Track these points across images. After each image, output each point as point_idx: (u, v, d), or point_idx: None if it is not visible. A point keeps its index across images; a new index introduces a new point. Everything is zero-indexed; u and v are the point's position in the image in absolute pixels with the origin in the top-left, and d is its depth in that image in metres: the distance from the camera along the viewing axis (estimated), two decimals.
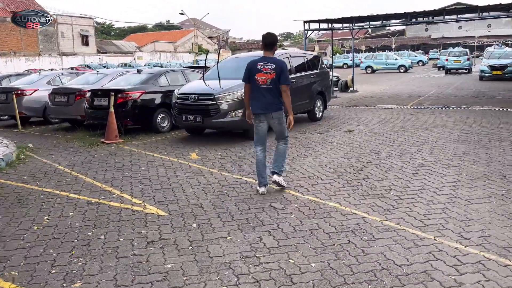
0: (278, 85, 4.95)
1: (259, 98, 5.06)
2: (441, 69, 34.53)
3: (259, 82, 5.02)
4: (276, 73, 4.92)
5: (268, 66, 4.98)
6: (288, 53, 9.93)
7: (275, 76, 4.92)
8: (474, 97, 15.14)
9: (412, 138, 8.21)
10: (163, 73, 10.16)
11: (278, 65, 4.96)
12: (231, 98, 8.07)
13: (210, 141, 8.52)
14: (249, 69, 5.20)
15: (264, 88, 4.99)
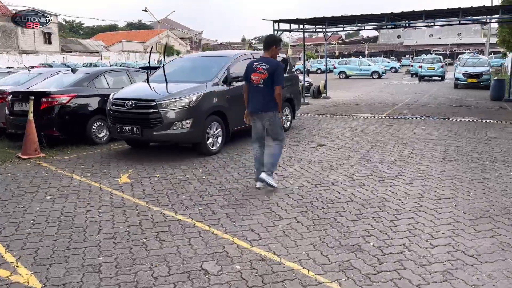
0: (270, 86, 5.02)
1: (252, 97, 5.24)
2: (414, 76, 34.03)
3: (253, 82, 5.16)
4: (269, 74, 5.00)
5: (262, 66, 5.08)
6: (250, 54, 8.57)
7: (267, 76, 5.00)
8: (453, 107, 14.21)
9: (391, 156, 6.98)
10: (102, 74, 8.62)
11: (271, 66, 5.02)
12: (178, 105, 6.63)
13: (153, 157, 7.06)
14: (247, 68, 5.35)
15: (257, 88, 5.12)
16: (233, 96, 7.58)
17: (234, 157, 7.00)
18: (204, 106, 6.92)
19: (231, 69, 7.73)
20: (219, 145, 7.33)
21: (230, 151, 7.44)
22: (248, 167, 6.35)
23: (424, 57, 32.41)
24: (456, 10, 11.33)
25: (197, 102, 6.78)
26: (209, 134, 7.10)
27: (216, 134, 7.25)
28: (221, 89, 7.38)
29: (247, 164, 6.50)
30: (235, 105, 7.60)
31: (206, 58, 8.43)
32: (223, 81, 7.51)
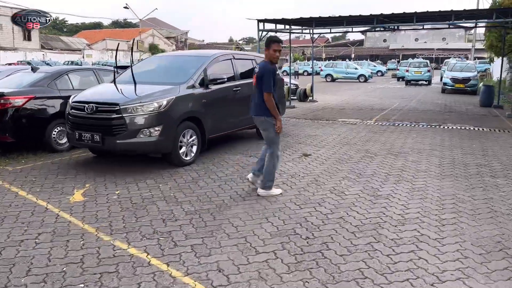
0: (260, 90, 4.90)
1: (251, 101, 5.21)
2: (401, 80, 33.76)
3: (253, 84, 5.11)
4: (257, 78, 4.88)
5: (256, 69, 5.01)
6: (231, 54, 7.85)
7: (257, 80, 4.90)
8: (442, 113, 13.71)
9: (383, 169, 6.33)
10: (65, 73, 7.78)
11: (260, 70, 4.89)
12: (145, 110, 5.87)
13: (118, 168, 6.27)
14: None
15: (254, 91, 5.06)
16: (210, 100, 6.85)
17: (209, 169, 6.26)
18: (177, 111, 6.17)
19: (209, 70, 7.00)
20: (194, 155, 6.59)
21: (206, 161, 6.71)
22: (225, 181, 5.62)
23: (411, 61, 32.11)
24: (448, 12, 10.77)
25: (168, 106, 6.03)
26: (182, 143, 6.36)
27: (190, 143, 6.51)
28: (197, 92, 6.64)
29: (223, 178, 5.77)
30: (212, 110, 6.88)
31: (181, 58, 7.68)
32: (200, 84, 6.77)
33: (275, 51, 4.79)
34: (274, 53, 4.80)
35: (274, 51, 4.80)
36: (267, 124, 4.96)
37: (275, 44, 4.83)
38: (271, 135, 4.97)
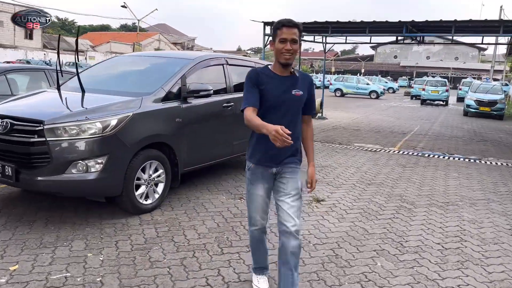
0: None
1: None
2: (414, 99, 31.77)
3: None
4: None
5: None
6: (223, 58, 5.88)
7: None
8: (475, 141, 11.66)
9: (432, 236, 4.31)
10: (2, 73, 5.85)
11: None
12: (82, 133, 3.89)
13: (43, 211, 4.28)
14: None
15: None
16: (188, 119, 4.89)
17: (176, 221, 4.26)
18: (133, 135, 4.19)
19: (190, 77, 5.04)
20: (158, 197, 4.60)
21: (175, 205, 4.71)
22: (195, 250, 3.61)
23: (428, 79, 30.09)
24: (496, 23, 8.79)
25: (119, 128, 4.05)
26: (141, 180, 4.37)
27: (153, 180, 4.52)
28: (169, 107, 4.67)
29: (194, 243, 3.77)
30: (191, 133, 4.92)
31: (154, 60, 5.69)
32: (175, 96, 4.81)
33: (283, 41, 2.53)
34: (280, 45, 2.54)
35: (280, 42, 2.54)
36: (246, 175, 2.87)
37: (284, 29, 2.54)
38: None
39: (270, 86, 2.57)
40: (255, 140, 2.70)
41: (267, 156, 2.66)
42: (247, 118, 2.46)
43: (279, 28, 2.57)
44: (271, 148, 2.43)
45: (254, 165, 2.72)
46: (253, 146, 2.72)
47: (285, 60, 2.56)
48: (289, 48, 2.53)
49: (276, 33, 2.59)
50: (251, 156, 2.74)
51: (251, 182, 2.76)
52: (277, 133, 2.16)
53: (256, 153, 2.70)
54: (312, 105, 2.78)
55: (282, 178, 2.70)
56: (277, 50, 2.58)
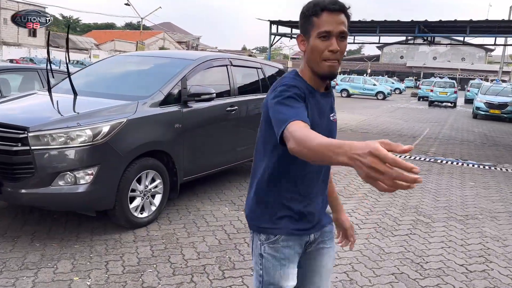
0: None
1: None
2: (422, 100, 31.26)
3: None
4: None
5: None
6: (227, 59, 5.50)
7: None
8: (488, 146, 11.23)
9: (455, 256, 3.92)
10: None
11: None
12: (70, 141, 3.53)
13: (31, 225, 3.94)
14: None
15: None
16: (189, 124, 4.53)
17: (174, 237, 3.90)
18: (127, 143, 3.83)
19: (191, 79, 4.68)
20: (155, 209, 4.24)
21: (173, 218, 4.36)
22: (193, 273, 3.25)
23: (436, 80, 29.56)
24: None
25: (112, 135, 3.69)
26: (136, 192, 4.01)
27: (150, 191, 4.16)
28: (167, 112, 4.31)
29: (193, 264, 3.40)
30: (191, 139, 4.56)
31: (153, 61, 5.32)
32: (174, 99, 4.45)
33: (325, 36, 1.48)
34: (319, 44, 1.49)
35: (320, 38, 1.49)
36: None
37: (325, 15, 1.48)
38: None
39: (312, 111, 1.54)
40: (274, 184, 1.60)
41: (302, 215, 1.63)
42: (299, 135, 1.25)
43: (315, 14, 1.49)
44: (309, 199, 1.61)
45: (283, 236, 1.62)
46: (268, 197, 1.63)
47: (330, 70, 1.52)
48: (336, 48, 1.48)
49: (311, 22, 1.50)
50: (267, 218, 1.63)
51: (279, 265, 1.63)
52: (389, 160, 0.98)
53: (279, 210, 1.62)
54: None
55: (318, 250, 1.74)
56: (313, 52, 1.51)
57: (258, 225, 1.66)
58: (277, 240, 1.63)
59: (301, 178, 1.60)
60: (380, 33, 10.91)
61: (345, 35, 1.54)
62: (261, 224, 1.65)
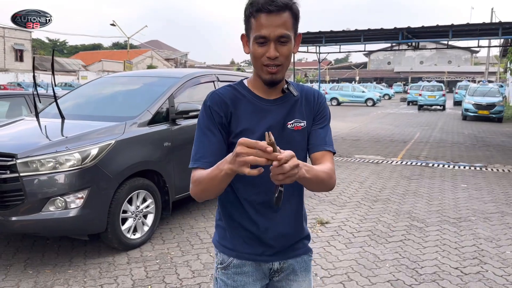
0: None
1: None
2: (411, 104, 31.54)
3: None
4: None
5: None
6: (214, 75, 5.54)
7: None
8: (478, 147, 11.34)
9: (449, 259, 3.94)
10: None
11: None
12: (59, 166, 3.51)
13: (40, 250, 3.89)
14: None
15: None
16: (178, 142, 4.53)
17: (168, 257, 3.87)
18: (117, 164, 3.83)
19: (178, 97, 4.72)
20: (148, 229, 4.22)
21: (167, 238, 4.33)
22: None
23: (424, 84, 29.90)
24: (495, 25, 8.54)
25: (100, 157, 3.68)
26: (128, 213, 4.00)
27: (142, 212, 4.14)
28: (155, 131, 4.32)
29: (188, 284, 3.38)
30: (182, 156, 4.55)
31: (140, 80, 5.34)
32: (162, 118, 4.47)
33: (262, 42, 1.34)
34: (258, 49, 1.36)
35: (258, 43, 1.35)
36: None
37: (262, 16, 1.32)
38: None
39: (248, 120, 1.43)
40: (230, 208, 1.51)
41: (261, 238, 1.47)
42: (194, 181, 1.37)
43: (253, 14, 1.34)
44: (269, 219, 1.46)
45: (237, 260, 1.50)
46: (228, 222, 1.52)
47: (270, 78, 1.39)
48: (274, 54, 1.34)
49: (249, 24, 1.37)
50: (225, 241, 1.52)
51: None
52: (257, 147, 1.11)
53: (237, 233, 1.50)
54: (325, 135, 1.51)
55: (287, 282, 1.56)
56: (252, 57, 1.40)
57: (216, 239, 1.57)
58: (229, 265, 1.50)
59: (249, 203, 1.46)
60: (365, 41, 11.07)
61: (286, 39, 1.34)
62: (219, 239, 1.55)
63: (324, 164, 1.43)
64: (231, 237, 1.50)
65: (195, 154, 1.42)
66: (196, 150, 1.43)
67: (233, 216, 1.50)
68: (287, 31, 1.34)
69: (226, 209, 1.52)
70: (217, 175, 1.25)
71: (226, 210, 1.52)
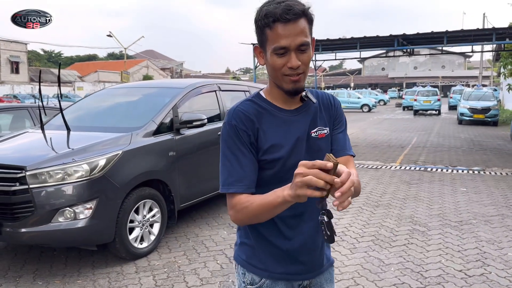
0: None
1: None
2: (406, 110, 31.75)
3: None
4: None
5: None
6: (216, 85, 5.62)
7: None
8: (475, 151, 11.45)
9: (452, 262, 4.00)
10: None
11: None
12: (68, 177, 3.56)
13: (48, 261, 3.92)
14: None
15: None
16: (183, 151, 4.60)
17: (175, 265, 3.91)
18: (124, 175, 3.88)
19: (182, 107, 4.79)
20: (155, 238, 4.27)
21: (173, 247, 4.37)
22: None
23: (419, 89, 30.15)
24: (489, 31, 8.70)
25: (108, 168, 3.74)
26: (135, 223, 4.04)
27: (148, 221, 4.19)
28: (160, 141, 4.38)
29: None
30: (186, 166, 4.62)
31: (143, 91, 5.42)
32: (167, 128, 4.53)
33: (282, 53, 1.31)
34: (277, 60, 1.32)
35: (277, 55, 1.32)
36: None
37: (279, 27, 1.28)
38: None
39: (274, 135, 1.40)
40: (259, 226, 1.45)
41: (292, 256, 1.46)
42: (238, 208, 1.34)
43: (268, 25, 1.30)
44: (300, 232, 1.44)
45: (270, 281, 1.46)
46: (258, 240, 1.48)
47: (294, 86, 1.35)
48: (296, 64, 1.31)
49: (265, 35, 1.33)
50: (255, 260, 1.48)
51: None
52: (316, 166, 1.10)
53: (268, 251, 1.46)
54: (344, 139, 1.54)
55: None
56: (272, 69, 1.35)
57: (242, 257, 1.49)
58: (262, 286, 1.46)
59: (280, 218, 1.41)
60: (360, 49, 11.22)
61: (306, 47, 1.32)
62: (247, 258, 1.48)
63: (352, 170, 1.32)
64: (262, 256, 1.46)
65: (226, 178, 1.36)
66: (228, 174, 1.36)
67: (263, 233, 1.44)
68: (306, 38, 1.31)
69: (254, 227, 1.45)
70: (272, 201, 1.22)
71: (254, 228, 1.45)
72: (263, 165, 1.38)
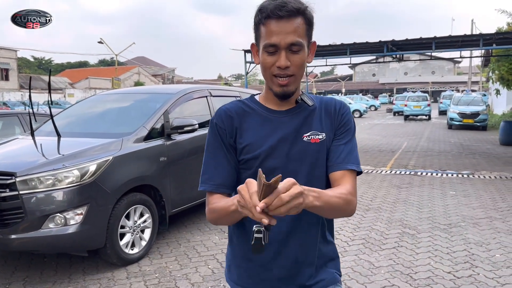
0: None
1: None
2: (397, 115, 32.02)
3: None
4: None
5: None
6: (207, 90, 5.65)
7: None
8: (464, 155, 11.59)
9: (441, 264, 4.05)
10: None
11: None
12: (57, 183, 3.56)
13: (38, 267, 3.90)
14: None
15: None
16: (174, 157, 4.61)
17: (167, 271, 3.91)
18: (115, 180, 3.88)
19: (174, 113, 4.80)
20: (146, 244, 4.26)
21: (164, 252, 4.37)
22: None
23: (409, 95, 30.45)
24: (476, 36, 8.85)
25: (99, 174, 3.74)
26: (126, 228, 4.04)
27: (139, 226, 4.19)
28: (151, 146, 4.39)
29: None
30: (177, 171, 4.62)
31: (134, 97, 5.43)
32: (158, 133, 4.54)
33: (271, 51, 1.26)
34: (267, 59, 1.28)
35: (267, 52, 1.27)
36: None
37: (272, 23, 1.24)
38: None
39: (254, 134, 1.35)
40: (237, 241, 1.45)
41: (270, 271, 1.39)
42: (209, 208, 1.35)
43: (261, 21, 1.27)
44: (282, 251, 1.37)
45: None
46: (235, 254, 1.47)
47: (281, 89, 1.30)
48: (284, 64, 1.25)
49: (259, 31, 1.29)
50: (234, 275, 1.47)
51: None
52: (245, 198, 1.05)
53: (244, 268, 1.44)
54: (347, 152, 1.36)
55: None
56: (262, 67, 1.31)
57: (230, 277, 1.48)
58: None
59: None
60: (351, 55, 11.33)
61: (299, 47, 1.25)
62: (233, 277, 1.46)
63: (342, 186, 1.28)
64: (243, 269, 1.44)
65: (202, 175, 1.37)
66: (203, 171, 1.38)
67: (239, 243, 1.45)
68: (299, 38, 1.24)
69: (240, 238, 1.44)
70: (228, 207, 1.21)
71: (241, 238, 1.44)
72: (241, 165, 1.36)
